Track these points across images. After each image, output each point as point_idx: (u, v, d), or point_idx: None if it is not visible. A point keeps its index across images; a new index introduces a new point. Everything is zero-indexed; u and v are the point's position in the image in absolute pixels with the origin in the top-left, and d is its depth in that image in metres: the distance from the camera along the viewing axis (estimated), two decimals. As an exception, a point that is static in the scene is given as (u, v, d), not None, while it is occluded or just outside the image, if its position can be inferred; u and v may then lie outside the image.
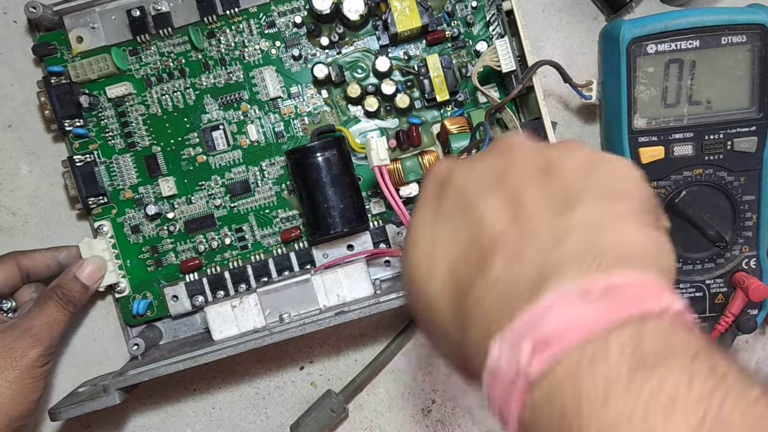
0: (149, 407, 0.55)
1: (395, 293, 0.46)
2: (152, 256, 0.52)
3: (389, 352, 0.55)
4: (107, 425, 0.55)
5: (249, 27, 0.52)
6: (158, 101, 0.52)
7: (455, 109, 0.52)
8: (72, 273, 0.48)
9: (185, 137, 0.52)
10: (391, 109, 0.52)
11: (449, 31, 0.52)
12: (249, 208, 0.53)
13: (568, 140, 0.37)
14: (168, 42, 0.52)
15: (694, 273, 0.51)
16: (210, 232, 0.52)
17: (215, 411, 0.55)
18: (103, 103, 0.52)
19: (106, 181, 0.52)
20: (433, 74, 0.50)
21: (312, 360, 0.56)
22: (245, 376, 0.56)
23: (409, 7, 0.49)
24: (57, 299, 0.47)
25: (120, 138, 0.52)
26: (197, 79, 0.52)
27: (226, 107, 0.52)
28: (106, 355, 0.54)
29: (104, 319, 0.54)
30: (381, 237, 0.52)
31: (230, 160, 0.52)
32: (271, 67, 0.52)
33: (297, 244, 0.52)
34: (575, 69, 0.54)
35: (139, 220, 0.52)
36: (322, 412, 0.53)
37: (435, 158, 0.50)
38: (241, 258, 0.53)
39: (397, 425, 0.56)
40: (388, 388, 0.56)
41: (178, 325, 0.53)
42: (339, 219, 0.48)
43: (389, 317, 0.56)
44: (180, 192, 0.52)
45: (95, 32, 0.51)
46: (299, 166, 0.48)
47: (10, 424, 0.44)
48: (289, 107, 0.52)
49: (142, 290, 0.52)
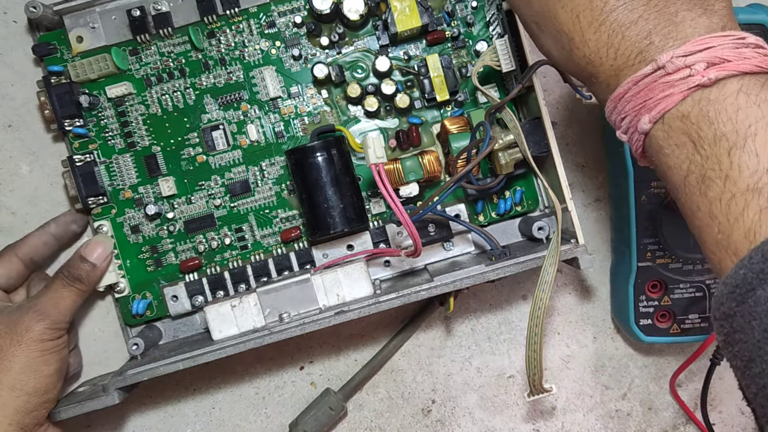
0: (149, 407, 0.55)
1: (395, 293, 0.46)
2: (152, 256, 0.52)
3: (388, 351, 0.55)
4: (107, 425, 0.55)
5: (249, 27, 0.52)
6: (158, 101, 0.52)
7: (455, 109, 0.52)
8: (78, 253, 0.49)
9: (185, 137, 0.52)
10: (391, 109, 0.52)
11: (449, 31, 0.52)
12: (249, 208, 0.53)
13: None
14: (168, 42, 0.52)
15: (694, 273, 0.51)
16: (210, 232, 0.52)
17: (215, 411, 0.55)
18: (103, 102, 0.52)
19: (105, 181, 0.52)
20: (433, 74, 0.50)
21: (312, 360, 0.56)
22: (245, 376, 0.56)
23: (409, 7, 0.49)
24: (63, 277, 0.47)
25: (120, 138, 0.52)
26: (197, 79, 0.52)
27: (226, 107, 0.52)
28: (106, 355, 0.54)
29: (104, 319, 0.54)
30: (381, 237, 0.52)
31: (230, 160, 0.52)
32: (271, 67, 0.52)
33: (297, 244, 0.52)
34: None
35: (138, 220, 0.52)
36: (321, 411, 0.53)
37: (435, 158, 0.50)
38: (241, 258, 0.53)
39: (397, 425, 0.56)
40: (388, 388, 0.56)
41: (178, 325, 0.53)
42: (339, 219, 0.48)
43: (389, 317, 0.56)
44: (180, 192, 0.52)
45: (95, 32, 0.51)
46: (299, 166, 0.48)
47: (29, 401, 0.44)
48: (289, 107, 0.52)
49: (141, 290, 0.52)
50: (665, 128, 0.30)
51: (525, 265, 0.46)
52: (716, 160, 0.28)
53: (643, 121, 0.31)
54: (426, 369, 0.56)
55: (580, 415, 0.56)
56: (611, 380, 0.56)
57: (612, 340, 0.57)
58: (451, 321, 0.56)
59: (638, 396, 0.56)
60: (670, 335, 0.52)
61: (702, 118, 0.28)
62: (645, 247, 0.51)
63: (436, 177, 0.51)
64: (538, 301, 0.43)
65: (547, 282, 0.43)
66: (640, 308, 0.51)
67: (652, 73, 0.30)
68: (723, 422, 0.56)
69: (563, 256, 0.45)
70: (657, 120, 0.30)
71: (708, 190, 0.28)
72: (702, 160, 0.28)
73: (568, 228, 0.47)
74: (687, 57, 0.29)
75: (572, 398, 0.56)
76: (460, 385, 0.56)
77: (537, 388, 0.46)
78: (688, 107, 0.29)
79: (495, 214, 0.53)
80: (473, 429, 0.56)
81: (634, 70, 0.31)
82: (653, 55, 0.30)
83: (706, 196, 0.29)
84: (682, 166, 0.30)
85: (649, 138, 0.31)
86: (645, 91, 0.30)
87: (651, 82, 0.30)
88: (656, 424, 0.56)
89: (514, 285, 0.56)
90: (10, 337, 0.44)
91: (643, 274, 0.51)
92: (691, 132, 0.29)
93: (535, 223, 0.49)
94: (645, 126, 0.31)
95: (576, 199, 0.46)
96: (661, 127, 0.30)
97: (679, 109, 0.29)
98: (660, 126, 0.30)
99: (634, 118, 0.31)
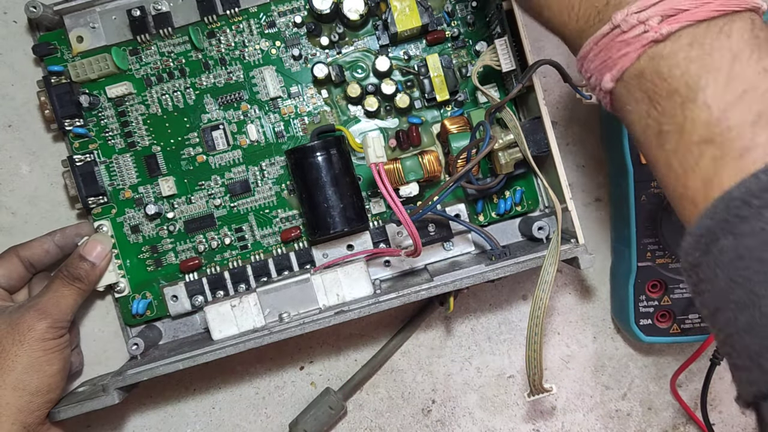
0: (149, 407, 0.55)
1: (395, 293, 0.46)
2: (152, 255, 0.52)
3: (388, 351, 0.55)
4: (107, 425, 0.55)
5: (249, 27, 0.52)
6: (158, 101, 0.52)
7: (455, 108, 0.52)
8: (77, 252, 0.49)
9: (185, 137, 0.52)
10: (391, 109, 0.52)
11: (449, 31, 0.52)
12: (249, 208, 0.53)
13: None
14: (168, 42, 0.52)
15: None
16: (210, 231, 0.52)
17: (215, 411, 0.55)
18: (103, 102, 0.52)
19: (106, 180, 0.52)
20: (433, 74, 0.50)
21: (312, 360, 0.56)
22: (245, 375, 0.56)
23: (409, 6, 0.49)
24: (63, 276, 0.47)
25: (120, 138, 0.52)
26: (197, 79, 0.52)
27: (226, 107, 0.52)
28: (106, 355, 0.54)
29: (104, 319, 0.54)
30: (381, 237, 0.52)
31: (230, 159, 0.52)
32: (271, 66, 0.52)
33: (297, 244, 0.52)
34: (575, 69, 0.54)
35: (138, 220, 0.52)
36: (320, 410, 0.53)
37: (435, 158, 0.50)
38: (241, 258, 0.53)
39: (397, 425, 0.56)
40: (388, 388, 0.56)
41: (178, 325, 0.53)
42: (339, 219, 0.48)
43: (389, 317, 0.56)
44: (180, 192, 0.52)
45: (95, 32, 0.51)
46: (299, 166, 0.48)
47: (32, 400, 0.44)
48: (289, 107, 0.52)
49: (141, 290, 0.52)
50: (625, 86, 0.31)
51: (525, 265, 0.46)
52: (671, 114, 0.28)
53: (606, 80, 0.31)
54: (426, 369, 0.56)
55: (580, 415, 0.56)
56: (611, 380, 0.56)
57: (612, 340, 0.56)
58: (451, 321, 0.56)
59: (638, 396, 0.56)
60: (670, 335, 0.52)
61: (656, 75, 0.29)
62: (645, 247, 0.51)
63: (436, 177, 0.51)
64: (538, 300, 0.43)
65: (547, 282, 0.43)
66: (640, 308, 0.51)
67: (610, 32, 0.30)
68: (723, 422, 0.56)
69: (563, 255, 0.45)
70: (618, 78, 0.31)
71: (665, 143, 0.29)
72: (658, 115, 0.29)
73: (568, 228, 0.47)
74: (641, 12, 0.29)
75: (572, 398, 0.56)
76: (460, 385, 0.56)
77: (537, 388, 0.46)
78: (643, 64, 0.30)
79: (495, 214, 0.53)
80: (473, 429, 0.56)
81: (594, 31, 0.32)
82: (610, 14, 0.30)
83: (664, 149, 0.29)
84: (641, 121, 0.30)
85: (613, 95, 0.32)
86: (605, 51, 0.31)
87: (609, 42, 0.31)
88: (656, 424, 0.56)
89: (514, 285, 0.56)
90: (12, 336, 0.44)
91: (643, 274, 0.51)
92: (647, 88, 0.29)
93: (535, 223, 0.49)
94: (608, 85, 0.31)
95: (576, 199, 0.46)
96: (622, 84, 0.31)
97: (635, 67, 0.30)
98: (621, 84, 0.31)
99: (598, 77, 0.32)
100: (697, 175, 0.27)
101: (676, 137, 0.28)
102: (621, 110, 0.32)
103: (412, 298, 0.46)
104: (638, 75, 0.30)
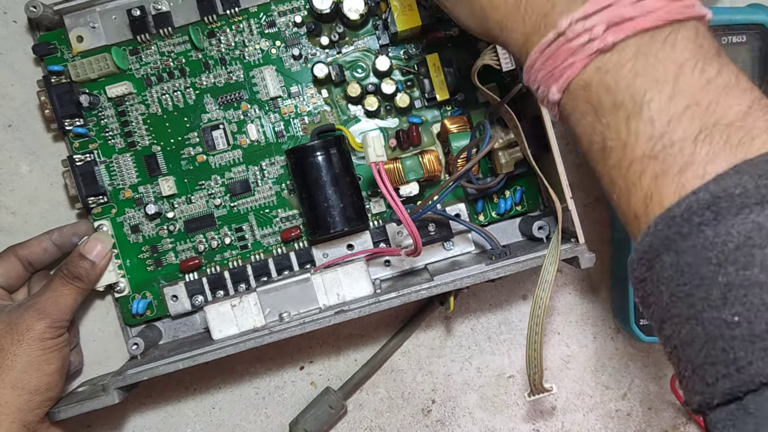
0: (149, 407, 0.55)
1: (395, 292, 0.46)
2: (152, 255, 0.52)
3: (388, 351, 0.55)
4: (107, 425, 0.55)
5: (249, 27, 0.52)
6: (158, 101, 0.52)
7: (455, 108, 0.52)
8: (77, 251, 0.49)
9: (185, 137, 0.52)
10: (391, 109, 0.52)
11: (449, 30, 0.52)
12: (249, 208, 0.53)
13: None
14: (168, 41, 0.52)
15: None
16: (210, 231, 0.52)
17: (215, 411, 0.55)
18: (103, 102, 0.52)
19: (105, 180, 0.52)
20: (433, 74, 0.50)
21: (312, 360, 0.56)
22: (245, 375, 0.56)
23: (410, 6, 0.49)
24: (62, 275, 0.47)
25: (120, 137, 0.52)
26: (197, 79, 0.52)
27: (226, 107, 0.52)
28: (106, 355, 0.54)
29: (104, 319, 0.54)
30: (381, 236, 0.52)
31: (230, 159, 0.52)
32: (271, 66, 0.52)
33: (297, 244, 0.52)
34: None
35: (138, 220, 0.52)
36: (320, 409, 0.53)
37: (435, 158, 0.50)
38: (241, 258, 0.53)
39: (397, 425, 0.56)
40: (388, 388, 0.56)
41: (178, 324, 0.53)
42: (339, 218, 0.48)
43: (389, 316, 0.56)
44: (180, 191, 0.52)
45: (95, 32, 0.51)
46: (299, 166, 0.48)
47: (32, 399, 0.44)
48: (289, 107, 0.52)
49: (141, 290, 0.52)
50: (572, 97, 0.29)
51: (525, 265, 0.46)
52: (615, 128, 0.28)
53: (552, 92, 0.30)
54: (426, 369, 0.56)
55: (580, 415, 0.56)
56: (611, 380, 0.56)
57: (612, 340, 0.56)
58: (451, 321, 0.56)
59: (638, 396, 0.56)
60: (671, 335, 0.52)
61: (601, 87, 0.28)
62: (645, 246, 0.50)
63: (436, 176, 0.51)
64: (538, 300, 0.43)
65: (548, 281, 0.43)
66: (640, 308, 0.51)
67: (555, 40, 0.29)
68: (723, 422, 0.56)
69: (563, 255, 0.45)
70: (564, 89, 0.30)
71: (608, 158, 0.28)
72: (603, 128, 0.28)
73: (568, 227, 0.47)
74: (587, 19, 0.28)
75: (572, 398, 0.56)
76: (460, 385, 0.56)
77: (537, 388, 0.45)
78: (589, 75, 0.28)
79: (495, 214, 0.53)
80: (473, 429, 0.56)
81: (540, 37, 0.30)
82: (556, 20, 0.29)
83: (607, 164, 0.29)
84: (587, 134, 0.29)
85: (560, 107, 0.31)
86: (551, 60, 0.29)
87: (555, 50, 0.29)
88: (656, 424, 0.56)
89: (514, 285, 0.56)
90: (11, 336, 0.44)
91: (643, 273, 0.51)
92: (593, 101, 0.28)
93: (535, 223, 0.49)
94: (555, 96, 0.30)
95: (576, 199, 0.46)
96: (568, 96, 0.30)
97: (582, 78, 0.29)
98: (567, 95, 0.30)
99: (545, 88, 0.31)
100: (639, 191, 0.27)
101: (620, 153, 0.28)
102: (567, 122, 0.31)
103: (412, 297, 0.46)
104: (585, 86, 0.29)
